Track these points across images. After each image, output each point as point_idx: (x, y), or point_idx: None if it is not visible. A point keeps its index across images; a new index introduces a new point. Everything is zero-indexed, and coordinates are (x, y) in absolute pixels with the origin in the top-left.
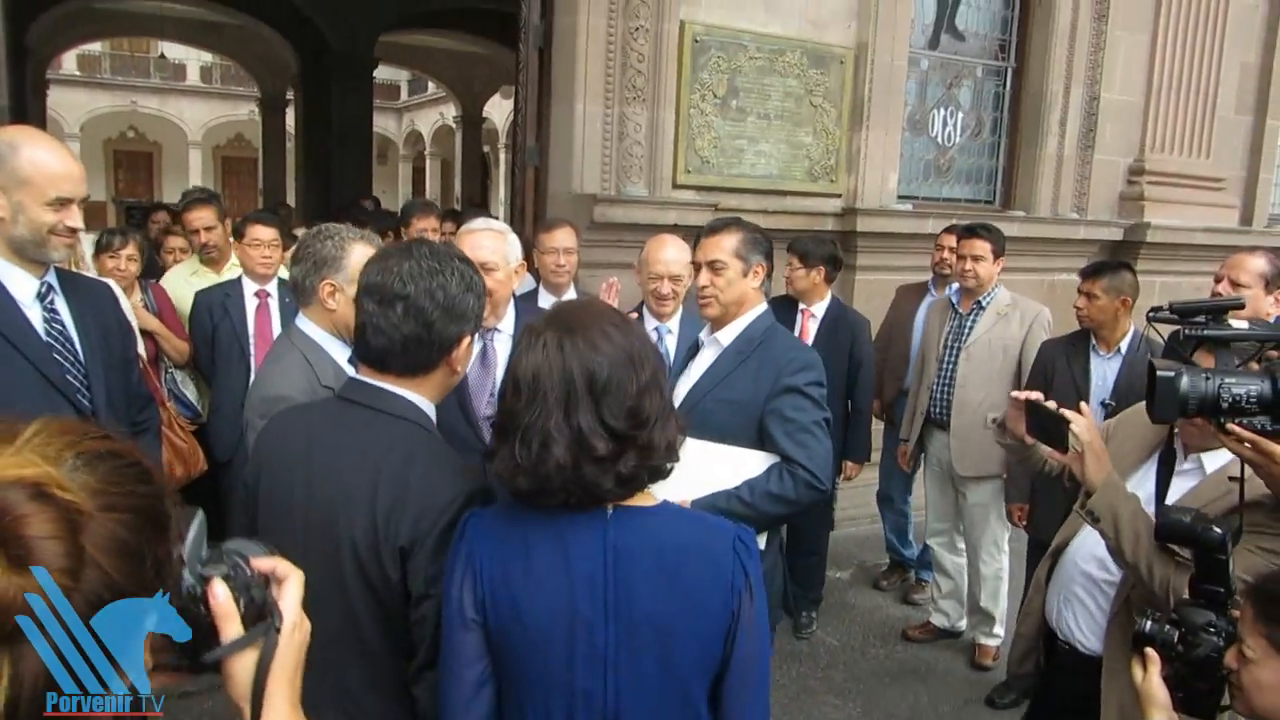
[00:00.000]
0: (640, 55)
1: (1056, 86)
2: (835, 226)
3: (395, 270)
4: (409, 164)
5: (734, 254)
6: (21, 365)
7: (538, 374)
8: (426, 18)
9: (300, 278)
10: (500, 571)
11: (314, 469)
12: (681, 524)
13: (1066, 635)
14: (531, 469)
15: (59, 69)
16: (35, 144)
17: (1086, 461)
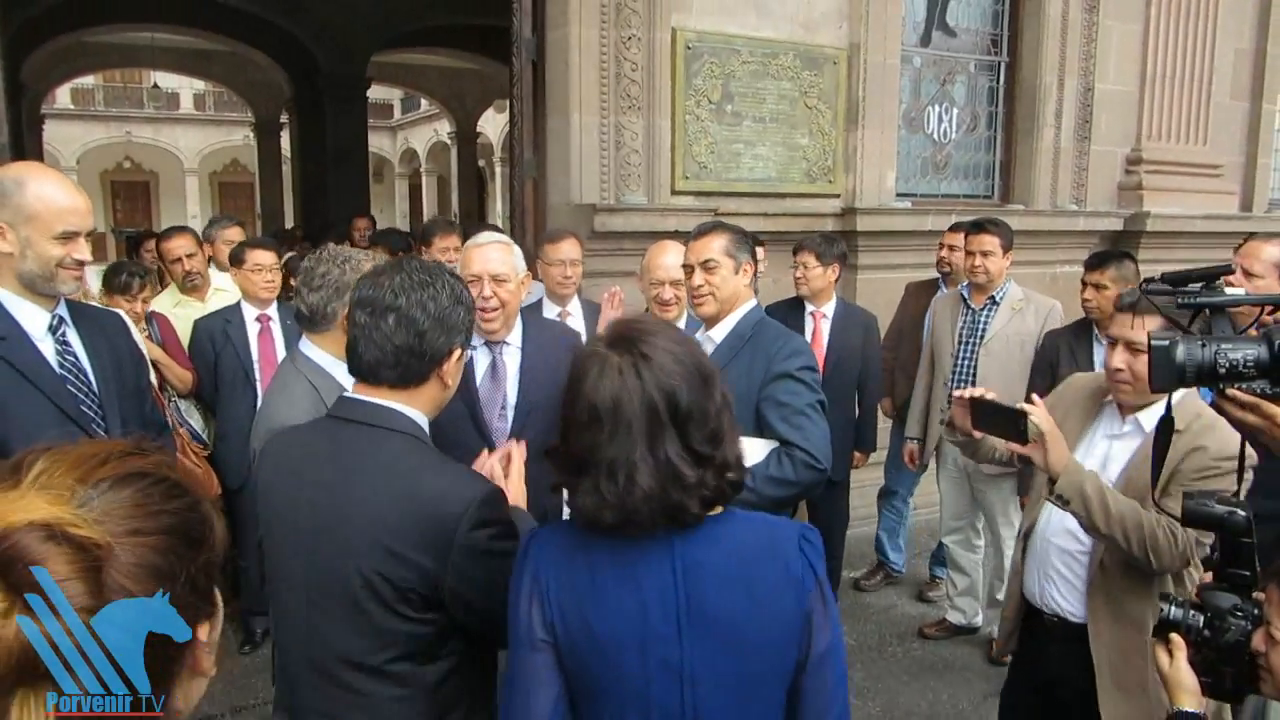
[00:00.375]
0: (634, 64)
1: (1050, 79)
2: (835, 226)
3: (386, 283)
4: (405, 181)
5: (724, 253)
6: (37, 398)
7: (618, 402)
8: (417, 36)
9: (321, 304)
10: (568, 591)
11: (316, 489)
12: (747, 528)
13: (1054, 609)
14: (619, 503)
15: (53, 103)
16: (41, 179)
17: (1048, 448)
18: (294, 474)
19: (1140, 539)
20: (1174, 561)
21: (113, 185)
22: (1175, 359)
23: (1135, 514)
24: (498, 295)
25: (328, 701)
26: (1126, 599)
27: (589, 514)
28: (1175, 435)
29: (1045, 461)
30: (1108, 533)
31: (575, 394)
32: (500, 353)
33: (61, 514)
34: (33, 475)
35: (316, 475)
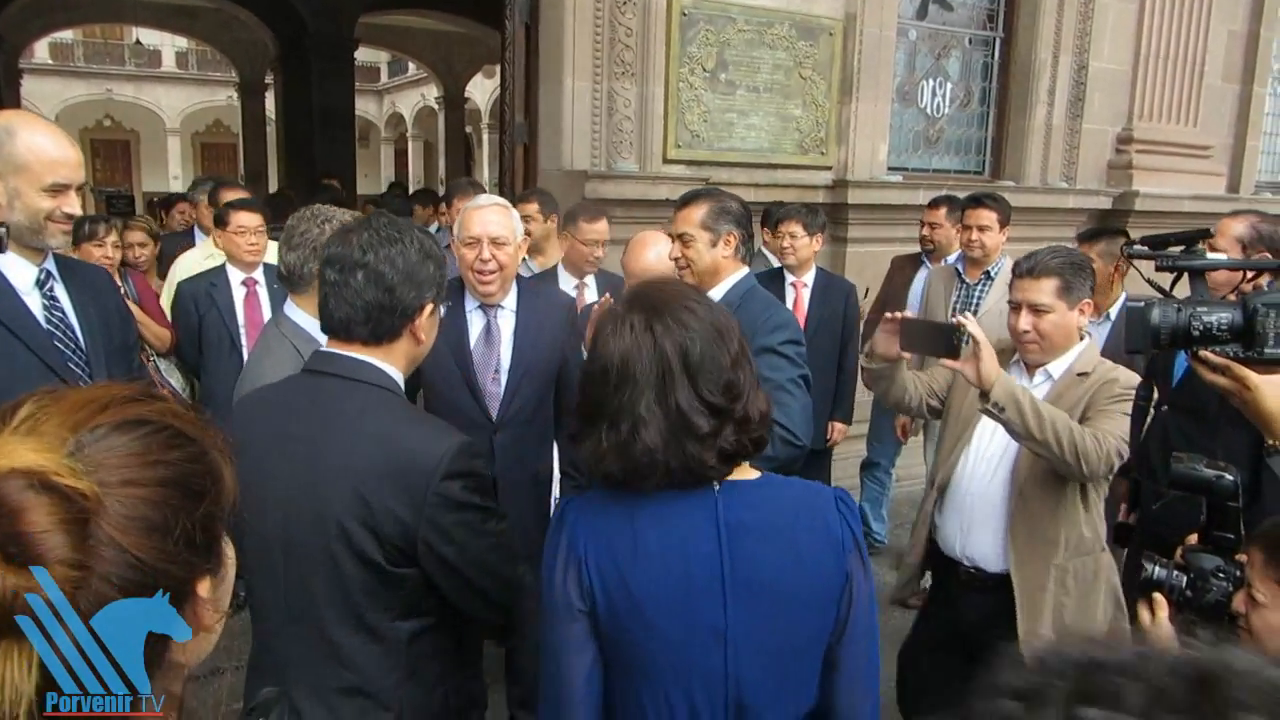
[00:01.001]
0: (628, 30)
1: (1045, 55)
2: (826, 199)
3: (354, 240)
4: (391, 146)
5: (700, 225)
6: (22, 353)
7: (626, 358)
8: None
9: (298, 264)
10: (607, 557)
11: (293, 443)
12: (787, 491)
13: (974, 560)
14: (620, 451)
15: (31, 58)
16: (32, 129)
17: (982, 359)
18: (268, 429)
19: (1071, 441)
20: (1099, 464)
21: (92, 144)
22: (1151, 321)
23: (1065, 419)
24: (496, 258)
25: (306, 653)
26: (1044, 526)
27: (591, 463)
28: (1081, 378)
29: (978, 372)
30: (1041, 437)
31: (591, 350)
32: (495, 316)
33: (46, 461)
34: (19, 419)
35: (293, 429)
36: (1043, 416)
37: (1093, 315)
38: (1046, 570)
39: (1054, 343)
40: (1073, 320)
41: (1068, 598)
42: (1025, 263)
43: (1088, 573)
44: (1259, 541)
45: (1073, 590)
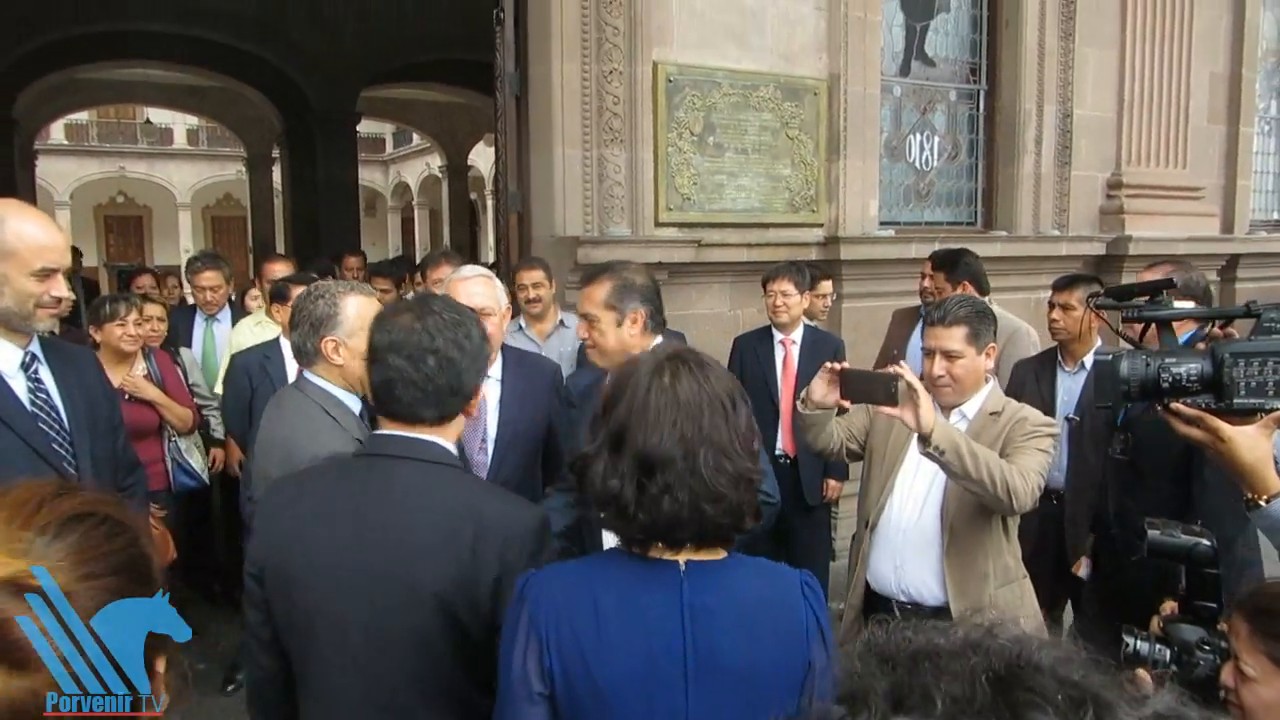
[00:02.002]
0: (615, 98)
1: (1029, 105)
2: (819, 256)
3: (420, 325)
4: (398, 215)
5: (604, 305)
6: (8, 437)
7: (660, 412)
8: (406, 71)
9: (300, 341)
10: (570, 638)
11: (372, 529)
12: (753, 573)
13: (911, 595)
14: (651, 508)
15: (47, 139)
16: (20, 216)
17: (920, 405)
18: (335, 518)
19: (1003, 479)
20: (1027, 499)
21: (106, 220)
22: (1119, 373)
23: (996, 459)
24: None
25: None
26: (976, 559)
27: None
28: (994, 417)
29: (916, 419)
30: (977, 477)
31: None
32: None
33: (22, 566)
34: None
35: (371, 514)
36: (978, 457)
37: (1070, 365)
38: (982, 601)
39: (965, 385)
40: (981, 364)
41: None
42: (936, 312)
43: (1015, 599)
44: (1241, 611)
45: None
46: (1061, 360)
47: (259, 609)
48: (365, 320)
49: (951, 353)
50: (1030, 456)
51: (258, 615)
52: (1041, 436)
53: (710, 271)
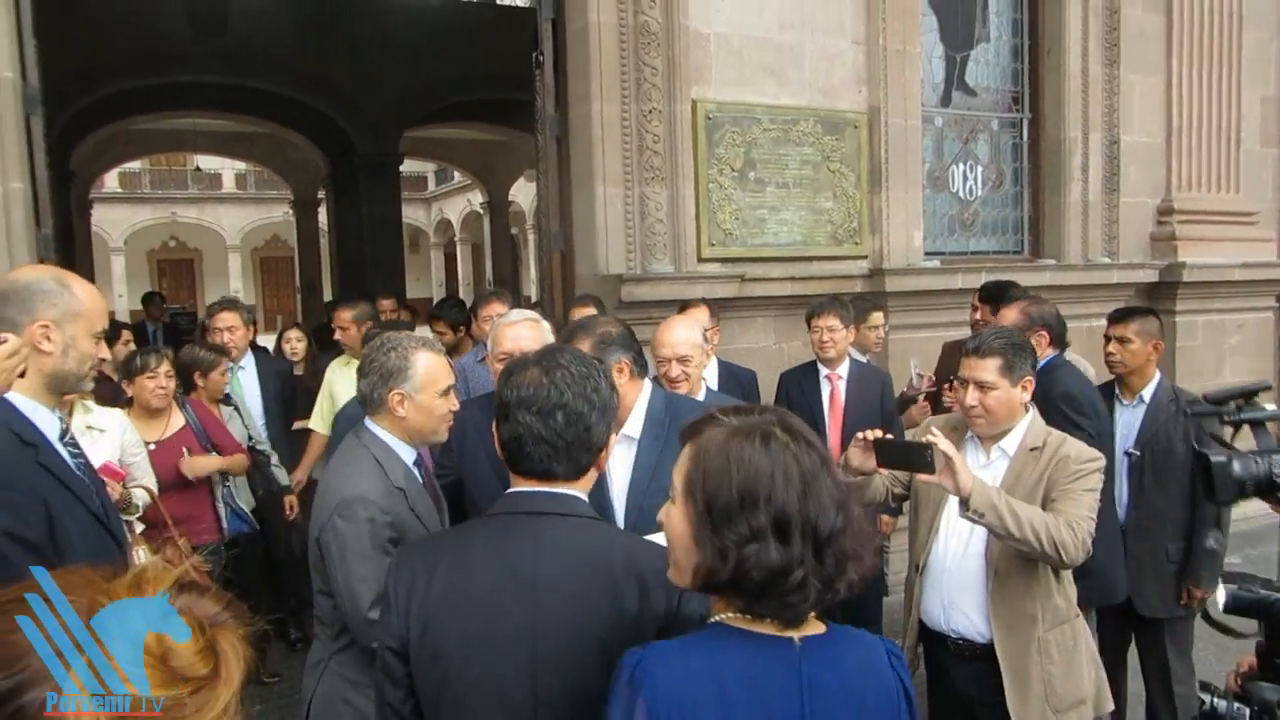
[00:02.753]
0: (655, 136)
1: (1074, 133)
2: (864, 288)
3: (547, 380)
4: (440, 251)
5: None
6: (72, 502)
7: (773, 474)
8: (446, 112)
9: (368, 390)
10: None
11: (524, 584)
12: (855, 646)
13: (960, 632)
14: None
15: (102, 188)
16: (79, 281)
17: (957, 471)
18: (485, 579)
19: (1049, 535)
20: (1078, 551)
21: (159, 264)
22: (1235, 474)
23: (1040, 515)
24: None
25: None
26: (1022, 602)
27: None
28: (1035, 453)
29: (955, 484)
30: (1020, 536)
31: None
32: None
33: None
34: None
35: (524, 573)
36: (1019, 517)
37: (1128, 398)
38: (1030, 643)
39: (999, 417)
40: (1016, 396)
41: (1053, 666)
42: (971, 343)
43: (1068, 641)
44: None
45: (1057, 659)
46: (1119, 393)
47: (400, 685)
48: (433, 376)
49: (985, 384)
50: (1077, 503)
51: (398, 692)
52: (1087, 475)
53: (754, 306)
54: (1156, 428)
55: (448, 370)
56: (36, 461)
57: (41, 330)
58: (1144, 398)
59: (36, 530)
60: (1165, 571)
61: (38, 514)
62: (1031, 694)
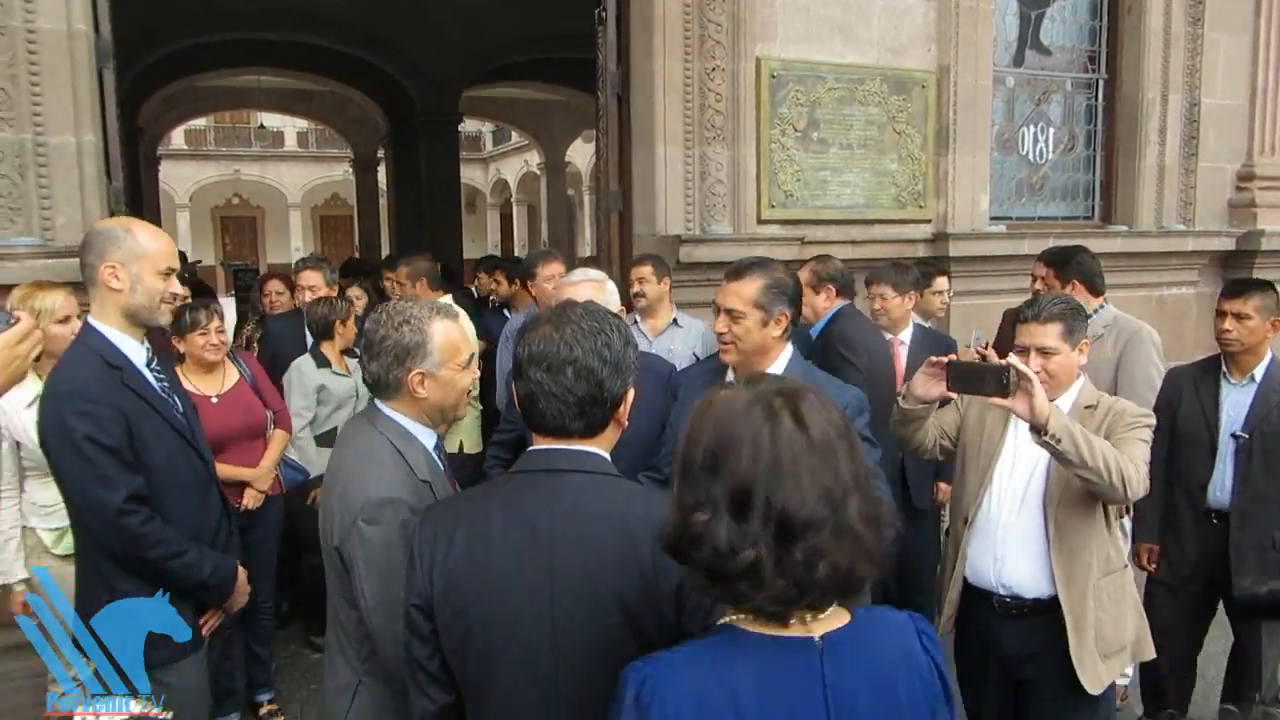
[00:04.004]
0: (718, 95)
1: (1153, 94)
2: (926, 252)
3: (558, 336)
4: (497, 212)
5: (753, 303)
6: (158, 422)
7: (795, 462)
8: (506, 71)
9: (382, 373)
10: None
11: (544, 540)
12: (879, 634)
13: (1011, 589)
14: (797, 574)
15: (169, 144)
16: (144, 227)
17: (1035, 395)
18: (507, 537)
19: (1118, 468)
20: (1139, 488)
21: (222, 220)
22: None
23: (1110, 448)
24: None
25: None
26: (1080, 550)
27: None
28: (1090, 410)
29: (1031, 408)
30: (1093, 464)
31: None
32: None
33: None
34: None
35: (544, 529)
36: (1094, 445)
37: (1238, 377)
38: (1087, 590)
39: (1060, 381)
40: (1074, 360)
41: (1105, 614)
42: (1029, 310)
43: (1117, 589)
44: None
45: (1108, 607)
46: (1227, 371)
47: (427, 642)
48: (454, 347)
49: (1047, 349)
50: (1134, 447)
51: (425, 648)
52: (1141, 427)
53: None
54: (1269, 409)
55: (467, 338)
56: (121, 382)
57: (109, 270)
58: (1255, 377)
59: (115, 438)
60: (1271, 560)
61: (117, 424)
62: (1085, 641)
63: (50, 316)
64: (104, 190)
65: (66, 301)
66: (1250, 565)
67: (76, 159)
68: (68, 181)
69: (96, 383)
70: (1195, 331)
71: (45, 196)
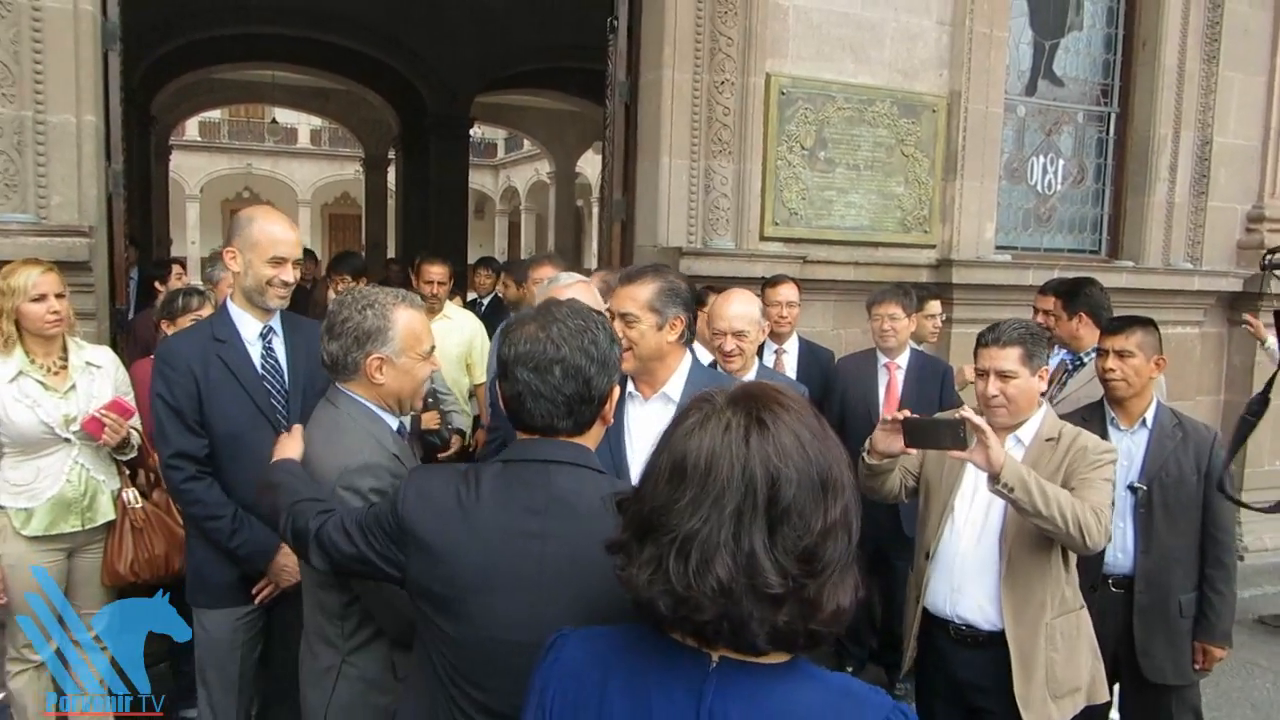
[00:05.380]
0: (726, 109)
1: (1165, 131)
2: (930, 278)
3: (544, 335)
4: (505, 219)
5: (647, 306)
6: (238, 392)
7: (713, 462)
8: (520, 79)
9: (340, 354)
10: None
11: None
12: (811, 693)
13: (965, 619)
14: (682, 590)
15: (182, 135)
16: (266, 217)
17: (990, 445)
18: (492, 524)
19: (1074, 516)
20: (1100, 536)
21: (231, 214)
22: None
23: (1066, 496)
24: None
25: None
26: (1034, 588)
27: (638, 591)
28: (1051, 443)
29: (986, 459)
30: (1048, 514)
31: (665, 440)
32: None
33: None
34: None
35: (536, 523)
36: (1047, 494)
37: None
38: (1038, 630)
39: (1019, 406)
40: (1035, 385)
41: (1056, 654)
42: (990, 334)
43: (1071, 629)
44: None
45: (1060, 647)
46: (1115, 417)
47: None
48: (415, 336)
49: (1006, 373)
50: (1097, 491)
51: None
52: (1104, 465)
53: (814, 289)
54: (1164, 456)
55: (429, 329)
56: (216, 353)
57: (229, 254)
58: (1146, 422)
59: (180, 400)
60: (1179, 629)
61: (186, 388)
62: (1035, 679)
63: (23, 295)
64: (102, 171)
65: (43, 279)
66: (1156, 635)
67: (76, 139)
68: (65, 160)
69: (183, 349)
70: (1199, 372)
71: (42, 175)
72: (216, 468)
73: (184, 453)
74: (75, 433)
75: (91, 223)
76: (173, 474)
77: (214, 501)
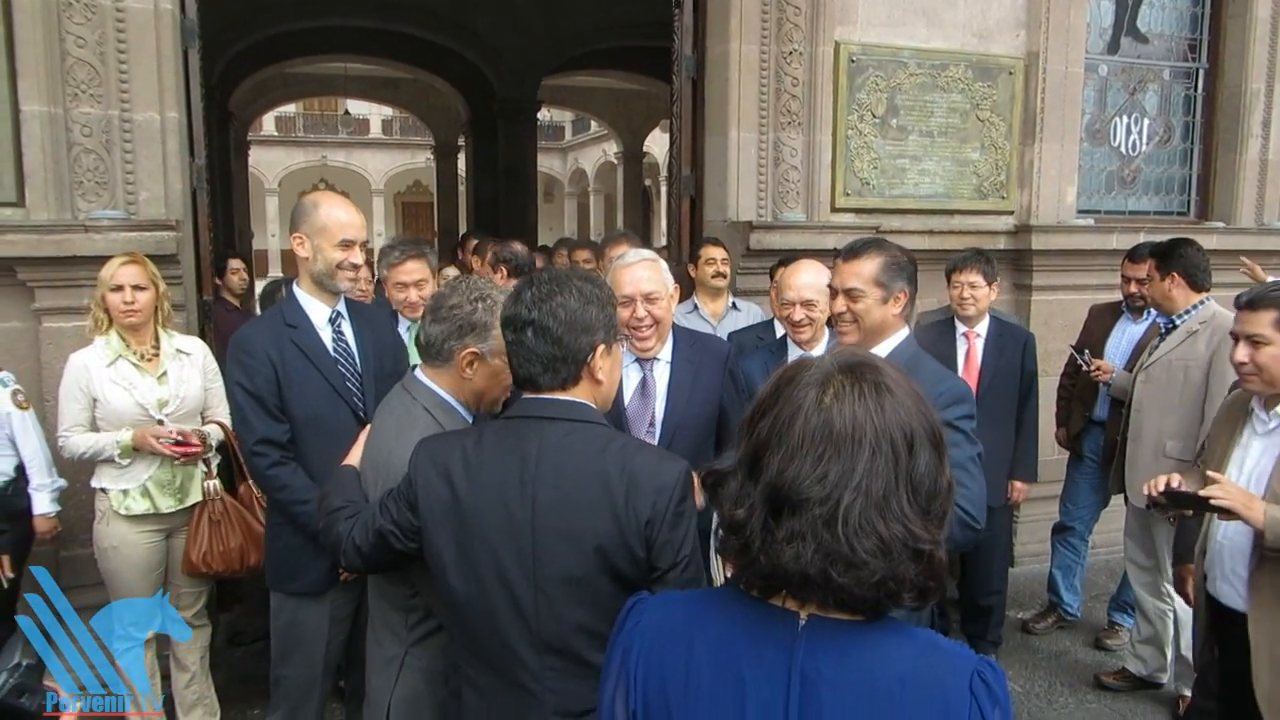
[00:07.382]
0: (794, 79)
1: (1257, 85)
2: (1008, 245)
3: (521, 299)
4: (574, 201)
5: (873, 281)
6: (315, 375)
7: (859, 429)
8: (586, 59)
9: (438, 338)
10: (657, 682)
11: (532, 485)
12: (902, 647)
13: (1232, 604)
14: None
15: (259, 130)
16: (331, 203)
17: (1244, 514)
18: (491, 476)
19: None
20: None
21: None
22: None
23: None
24: (651, 313)
25: (559, 675)
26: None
27: (787, 565)
28: None
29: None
30: None
31: (794, 411)
32: (651, 369)
33: None
34: None
35: (529, 472)
36: None
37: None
38: None
39: (1273, 374)
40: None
41: None
42: (1244, 296)
43: None
44: None
45: None
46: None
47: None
48: None
49: (1257, 338)
50: None
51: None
52: None
53: None
54: None
55: None
56: (290, 339)
57: (297, 240)
58: None
59: (260, 386)
60: None
61: (264, 375)
62: None
63: (106, 285)
64: (186, 167)
65: (122, 271)
66: None
67: (160, 135)
68: (151, 157)
69: (259, 337)
70: None
71: (129, 171)
72: (298, 453)
73: (268, 439)
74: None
75: (178, 216)
76: (258, 460)
77: (300, 486)
